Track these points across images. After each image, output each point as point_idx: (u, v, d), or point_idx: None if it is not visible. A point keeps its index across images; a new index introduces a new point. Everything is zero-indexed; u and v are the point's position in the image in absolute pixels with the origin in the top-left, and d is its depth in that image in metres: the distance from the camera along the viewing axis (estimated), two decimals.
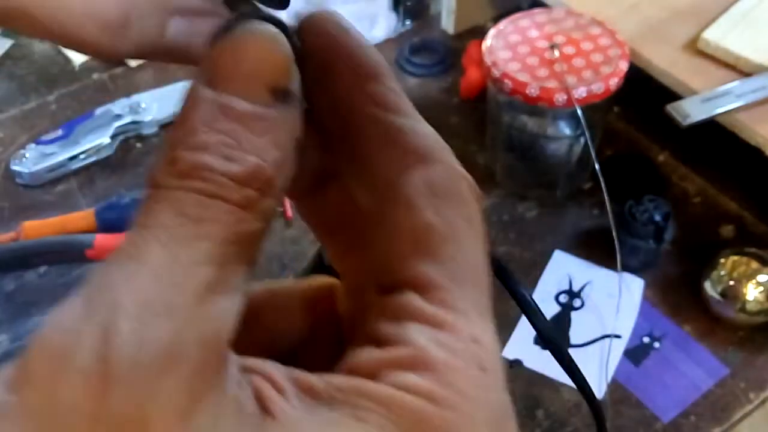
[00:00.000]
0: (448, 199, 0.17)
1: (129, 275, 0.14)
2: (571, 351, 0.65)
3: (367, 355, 0.16)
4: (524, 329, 0.65)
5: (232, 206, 0.15)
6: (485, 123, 0.78)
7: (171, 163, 0.15)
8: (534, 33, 0.70)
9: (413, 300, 0.16)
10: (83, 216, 0.72)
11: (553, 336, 0.23)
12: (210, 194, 0.15)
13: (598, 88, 0.65)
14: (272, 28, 0.17)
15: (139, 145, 0.82)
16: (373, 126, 0.18)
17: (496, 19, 0.78)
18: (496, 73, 0.67)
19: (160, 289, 0.14)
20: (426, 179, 0.17)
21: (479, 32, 0.86)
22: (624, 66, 0.67)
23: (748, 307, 0.63)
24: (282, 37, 0.17)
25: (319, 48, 0.18)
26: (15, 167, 0.77)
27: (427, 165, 0.17)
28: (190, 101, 0.16)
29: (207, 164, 0.15)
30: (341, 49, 0.18)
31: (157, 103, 0.83)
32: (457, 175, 0.17)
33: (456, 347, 0.15)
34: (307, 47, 0.18)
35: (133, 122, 0.81)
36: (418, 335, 0.15)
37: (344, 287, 0.20)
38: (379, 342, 0.16)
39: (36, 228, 0.71)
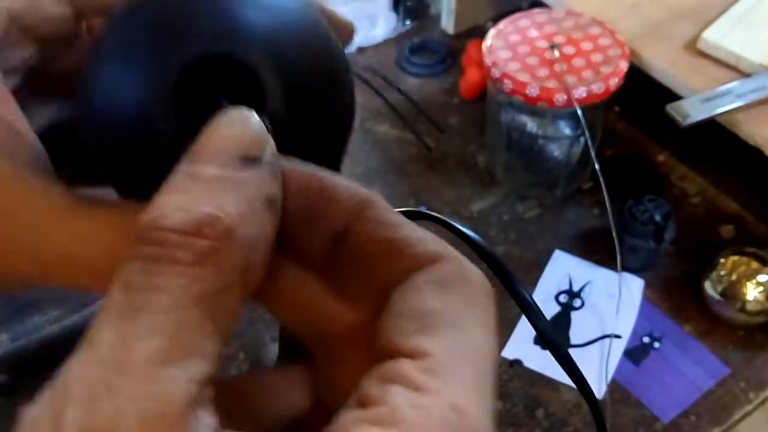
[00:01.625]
0: (456, 291, 0.17)
1: (80, 362, 0.14)
2: (571, 351, 0.65)
3: (348, 415, 0.15)
4: (524, 329, 0.65)
5: (183, 267, 0.15)
6: (485, 123, 0.78)
7: (131, 232, 0.15)
8: (534, 33, 0.70)
9: (404, 365, 0.16)
10: None
11: (553, 336, 0.23)
12: (156, 258, 0.15)
13: (598, 88, 0.65)
14: (244, 110, 0.18)
15: None
16: (375, 243, 0.18)
17: (496, 19, 0.78)
18: (496, 73, 0.67)
19: (104, 371, 0.14)
20: (435, 275, 0.17)
21: (479, 32, 0.86)
22: (624, 66, 0.67)
23: (748, 307, 0.63)
24: (252, 116, 0.18)
25: (300, 202, 0.18)
26: None
27: (436, 264, 0.17)
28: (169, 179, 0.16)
29: (158, 222, 0.15)
30: (324, 193, 0.18)
31: None
32: (466, 269, 0.18)
33: (431, 411, 0.15)
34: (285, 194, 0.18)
35: None
36: (396, 396, 0.15)
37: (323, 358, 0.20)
38: (363, 403, 0.15)
39: None
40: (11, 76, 0.22)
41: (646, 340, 0.65)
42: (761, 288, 0.63)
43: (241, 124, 0.17)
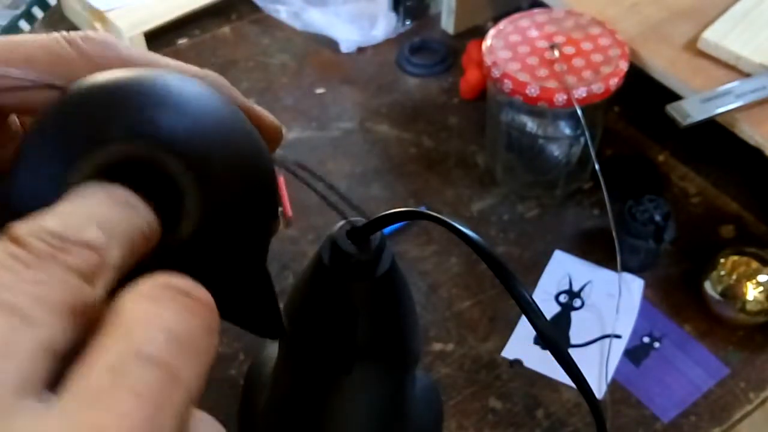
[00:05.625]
0: None
1: None
2: (571, 351, 0.65)
3: None
4: (524, 329, 0.65)
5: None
6: (485, 123, 0.78)
7: None
8: (534, 33, 0.70)
9: None
10: None
11: (553, 336, 0.23)
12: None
13: (598, 88, 0.65)
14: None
15: None
16: None
17: (496, 19, 0.78)
18: (496, 73, 0.67)
19: None
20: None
21: (479, 32, 0.86)
22: (624, 66, 0.67)
23: (748, 307, 0.63)
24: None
25: None
26: None
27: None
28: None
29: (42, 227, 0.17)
30: None
31: None
32: None
33: None
34: None
35: None
36: None
37: None
38: None
39: None
40: None
41: (646, 340, 0.65)
42: (761, 288, 0.63)
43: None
